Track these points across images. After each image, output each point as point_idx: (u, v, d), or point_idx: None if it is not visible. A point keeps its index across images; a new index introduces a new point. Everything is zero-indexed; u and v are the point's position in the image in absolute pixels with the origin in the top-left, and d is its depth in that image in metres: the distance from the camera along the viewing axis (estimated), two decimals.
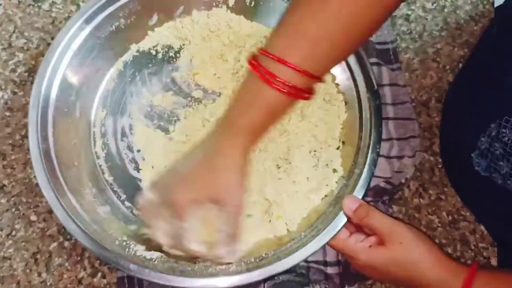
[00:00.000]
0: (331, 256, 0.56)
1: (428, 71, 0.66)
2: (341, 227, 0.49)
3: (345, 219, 0.49)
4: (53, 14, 0.67)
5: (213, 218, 0.45)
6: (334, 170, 0.55)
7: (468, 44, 0.67)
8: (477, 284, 0.45)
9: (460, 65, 0.66)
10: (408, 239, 0.47)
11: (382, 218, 0.49)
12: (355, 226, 0.51)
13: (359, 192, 0.50)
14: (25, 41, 0.65)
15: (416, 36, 0.68)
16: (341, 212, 0.49)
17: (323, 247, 0.49)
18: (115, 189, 0.56)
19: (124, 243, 0.50)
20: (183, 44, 0.62)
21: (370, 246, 0.48)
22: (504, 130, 0.46)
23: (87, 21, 0.55)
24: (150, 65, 0.61)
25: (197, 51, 0.62)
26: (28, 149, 0.59)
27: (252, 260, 0.49)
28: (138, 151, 0.58)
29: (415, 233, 0.48)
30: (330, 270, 0.56)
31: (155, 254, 0.49)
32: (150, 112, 0.60)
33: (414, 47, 0.67)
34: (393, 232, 0.48)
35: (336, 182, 0.55)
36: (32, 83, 0.63)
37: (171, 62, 0.62)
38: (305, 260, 0.54)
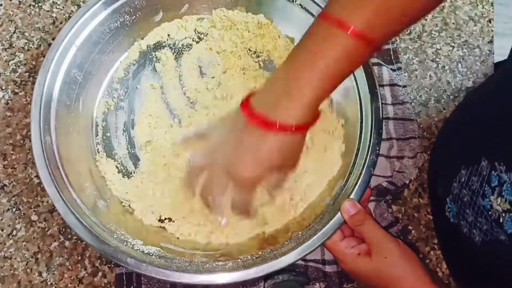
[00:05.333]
0: (329, 255, 0.56)
1: (428, 71, 0.66)
2: (338, 228, 0.49)
3: (342, 221, 0.50)
4: (54, 15, 0.67)
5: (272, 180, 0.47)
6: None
7: (467, 44, 0.67)
8: None
9: (460, 66, 0.67)
10: (393, 255, 0.48)
11: (374, 230, 0.49)
12: (351, 229, 0.51)
13: (357, 193, 0.50)
14: (26, 41, 0.65)
15: (416, 37, 0.68)
16: (339, 213, 0.50)
17: (320, 246, 0.49)
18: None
19: (122, 237, 0.50)
20: (189, 41, 0.63)
21: (358, 254, 0.49)
22: (473, 178, 0.46)
23: (92, 16, 0.55)
24: (155, 61, 0.62)
25: (201, 49, 0.62)
26: (29, 149, 0.60)
27: (249, 257, 0.49)
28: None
29: (403, 250, 0.49)
30: (328, 268, 0.56)
31: (152, 249, 0.50)
32: (152, 108, 0.60)
33: (414, 47, 0.67)
34: (380, 245, 0.48)
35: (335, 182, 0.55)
36: (33, 83, 0.63)
37: (177, 58, 0.62)
38: (304, 259, 0.54)
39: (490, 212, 0.43)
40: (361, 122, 0.55)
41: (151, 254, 0.49)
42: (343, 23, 0.39)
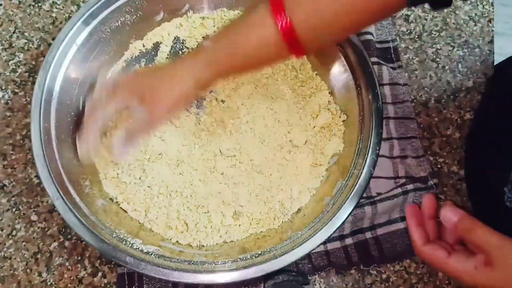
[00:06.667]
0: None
1: (428, 71, 0.66)
2: (338, 227, 0.49)
3: (341, 220, 0.49)
4: (54, 14, 0.67)
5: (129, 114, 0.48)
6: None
7: (467, 44, 0.67)
8: None
9: (460, 65, 0.66)
10: None
11: (489, 234, 0.39)
12: (421, 225, 0.43)
13: (357, 193, 0.50)
14: (25, 41, 0.65)
15: (416, 37, 0.68)
16: (339, 212, 0.49)
17: (319, 246, 0.49)
18: None
19: (121, 236, 0.50)
20: (189, 40, 0.63)
21: (475, 268, 0.40)
22: None
23: (93, 15, 0.56)
24: (155, 60, 0.62)
25: None
26: (29, 149, 0.60)
27: (248, 257, 0.49)
28: None
29: None
30: (330, 246, 0.56)
31: (151, 248, 0.50)
32: None
33: (414, 47, 0.67)
34: (502, 251, 0.39)
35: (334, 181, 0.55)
36: (32, 83, 0.63)
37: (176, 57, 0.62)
38: None
39: None
40: (361, 122, 0.55)
41: (150, 253, 0.49)
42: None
